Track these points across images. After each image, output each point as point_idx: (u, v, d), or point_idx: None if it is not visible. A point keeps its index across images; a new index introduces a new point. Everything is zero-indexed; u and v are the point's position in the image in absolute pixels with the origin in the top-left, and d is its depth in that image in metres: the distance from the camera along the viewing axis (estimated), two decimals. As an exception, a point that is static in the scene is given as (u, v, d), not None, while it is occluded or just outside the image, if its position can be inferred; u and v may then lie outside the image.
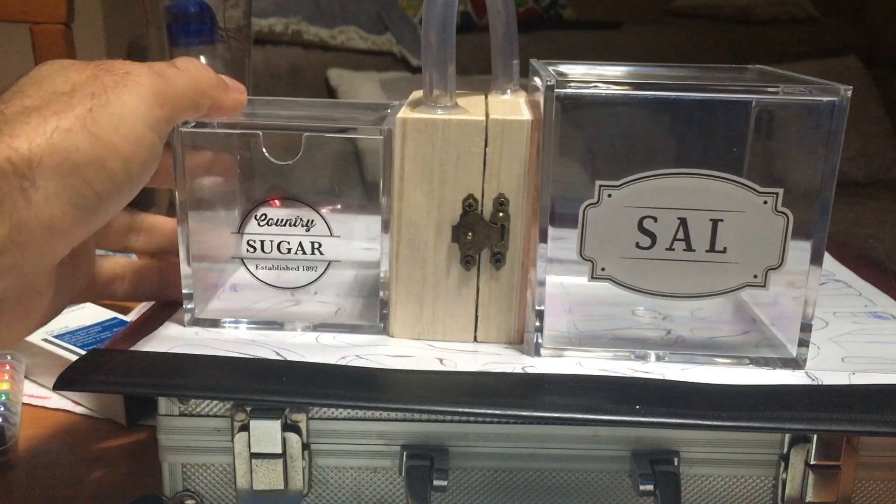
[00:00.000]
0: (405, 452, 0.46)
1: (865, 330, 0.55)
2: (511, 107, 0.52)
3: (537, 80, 0.53)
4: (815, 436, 0.45)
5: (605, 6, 2.82)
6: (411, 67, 2.28)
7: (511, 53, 0.56)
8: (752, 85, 0.46)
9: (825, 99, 0.45)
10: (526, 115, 0.49)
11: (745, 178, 0.46)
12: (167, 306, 0.56)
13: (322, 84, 2.15)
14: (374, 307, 0.53)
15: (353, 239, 0.52)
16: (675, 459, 0.46)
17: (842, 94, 0.45)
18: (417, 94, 0.55)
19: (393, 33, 2.26)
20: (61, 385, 0.44)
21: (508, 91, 0.56)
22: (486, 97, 0.56)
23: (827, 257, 0.66)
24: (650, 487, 0.45)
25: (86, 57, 0.52)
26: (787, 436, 0.46)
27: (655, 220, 0.47)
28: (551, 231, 0.48)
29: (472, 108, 0.50)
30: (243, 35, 0.83)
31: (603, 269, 0.48)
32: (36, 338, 0.64)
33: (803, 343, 0.49)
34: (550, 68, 0.51)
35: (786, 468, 0.46)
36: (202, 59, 0.81)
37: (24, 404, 0.61)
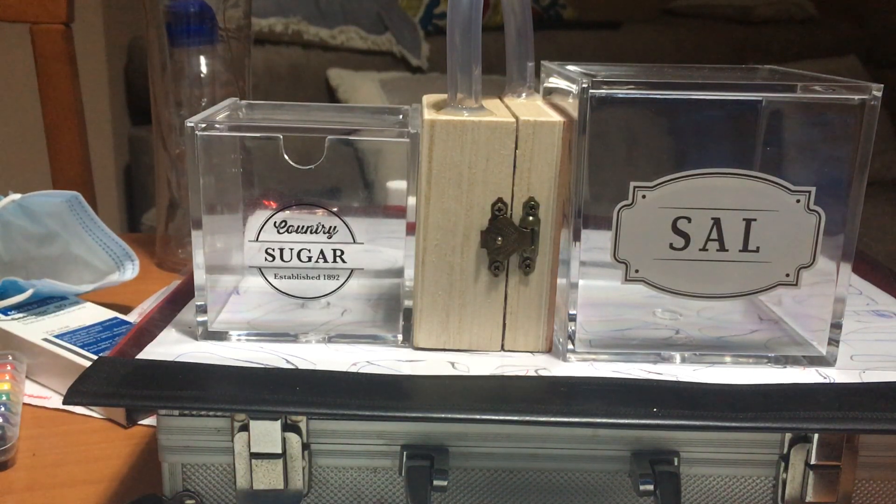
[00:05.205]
0: (405, 452, 0.46)
1: (870, 328, 0.55)
2: (534, 109, 0.51)
3: (556, 82, 0.53)
4: (816, 435, 0.45)
5: (604, 6, 2.82)
6: (411, 67, 2.28)
7: (526, 55, 0.55)
8: (790, 84, 0.47)
9: (858, 97, 0.46)
10: (555, 116, 0.48)
11: (780, 176, 0.47)
12: (172, 303, 0.56)
13: (322, 84, 2.14)
14: (393, 318, 0.52)
15: (377, 245, 0.51)
16: (675, 459, 0.46)
17: (873, 94, 0.45)
18: (430, 97, 0.54)
19: (393, 33, 2.25)
20: (71, 399, 0.43)
21: (523, 93, 0.55)
22: (502, 99, 0.55)
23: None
24: (650, 487, 0.45)
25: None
26: (788, 435, 0.46)
27: (689, 220, 0.47)
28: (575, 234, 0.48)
29: (493, 110, 0.50)
30: (243, 35, 0.84)
31: (637, 271, 0.48)
32: (37, 338, 0.64)
33: (833, 342, 0.49)
34: (568, 69, 0.51)
35: (786, 468, 0.46)
36: (202, 58, 0.81)
37: (24, 404, 0.61)
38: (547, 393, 0.46)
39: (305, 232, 0.50)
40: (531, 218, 0.48)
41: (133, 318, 0.71)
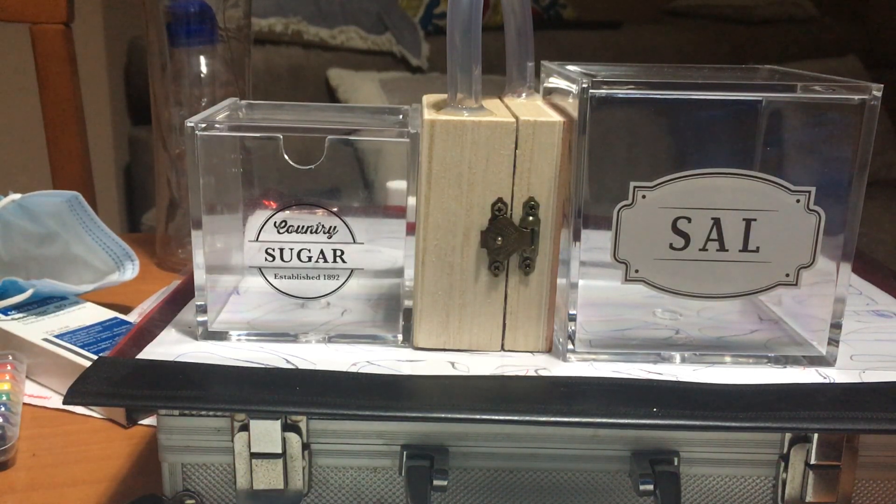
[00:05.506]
0: (405, 452, 0.46)
1: (870, 328, 0.55)
2: (534, 109, 0.51)
3: (556, 82, 0.53)
4: (816, 435, 0.45)
5: (605, 6, 2.82)
6: (411, 67, 2.28)
7: (526, 55, 0.55)
8: (790, 84, 0.47)
9: (858, 97, 0.46)
10: (555, 116, 0.48)
11: (780, 176, 0.47)
12: (172, 303, 0.56)
13: (322, 84, 2.14)
14: (393, 318, 0.52)
15: (377, 245, 0.51)
16: (676, 459, 0.46)
17: (873, 94, 0.45)
18: (430, 97, 0.54)
19: (393, 33, 2.25)
20: (71, 399, 0.43)
21: (523, 93, 0.55)
22: (502, 99, 0.55)
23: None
24: (650, 487, 0.45)
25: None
26: (788, 435, 0.46)
27: (689, 220, 0.47)
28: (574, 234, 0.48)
29: (493, 110, 0.50)
30: (243, 35, 0.84)
31: (637, 271, 0.48)
32: (37, 338, 0.64)
33: (833, 342, 0.49)
34: (568, 69, 0.51)
35: (786, 468, 0.46)
36: (202, 58, 0.81)
37: (24, 404, 0.61)
38: (547, 393, 0.46)
39: (305, 232, 0.50)
40: (531, 218, 0.48)
41: (133, 318, 0.71)
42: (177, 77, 0.82)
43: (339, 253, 0.51)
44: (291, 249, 0.51)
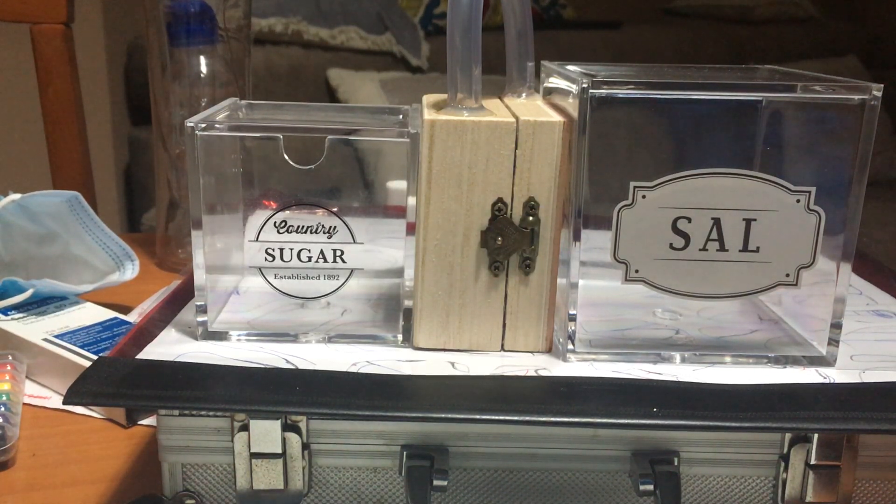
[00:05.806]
0: (405, 452, 0.46)
1: (870, 328, 0.55)
2: (534, 109, 0.51)
3: (556, 82, 0.53)
4: (816, 435, 0.45)
5: (605, 6, 2.82)
6: (411, 67, 2.28)
7: (526, 55, 0.55)
8: (790, 84, 0.47)
9: (858, 97, 0.46)
10: (555, 116, 0.49)
11: (780, 176, 0.47)
12: (172, 303, 0.56)
13: (322, 84, 2.14)
14: (393, 318, 0.52)
15: (377, 245, 0.51)
16: (676, 459, 0.46)
17: (873, 94, 0.45)
18: (430, 97, 0.54)
19: (393, 33, 2.25)
20: (71, 399, 0.43)
21: (523, 93, 0.55)
22: (502, 99, 0.55)
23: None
24: (650, 487, 0.45)
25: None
26: (788, 435, 0.46)
27: (689, 220, 0.47)
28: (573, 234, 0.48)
29: (493, 110, 0.50)
30: (243, 35, 0.84)
31: (637, 271, 0.48)
32: (37, 338, 0.64)
33: (833, 342, 0.49)
34: (568, 69, 0.51)
35: (786, 468, 0.46)
36: (202, 58, 0.81)
37: (24, 404, 0.61)
38: (547, 393, 0.46)
39: (305, 232, 0.51)
40: (531, 218, 0.48)
41: (133, 318, 0.71)
42: (177, 77, 0.82)
43: (339, 253, 0.51)
44: (291, 249, 0.51)
